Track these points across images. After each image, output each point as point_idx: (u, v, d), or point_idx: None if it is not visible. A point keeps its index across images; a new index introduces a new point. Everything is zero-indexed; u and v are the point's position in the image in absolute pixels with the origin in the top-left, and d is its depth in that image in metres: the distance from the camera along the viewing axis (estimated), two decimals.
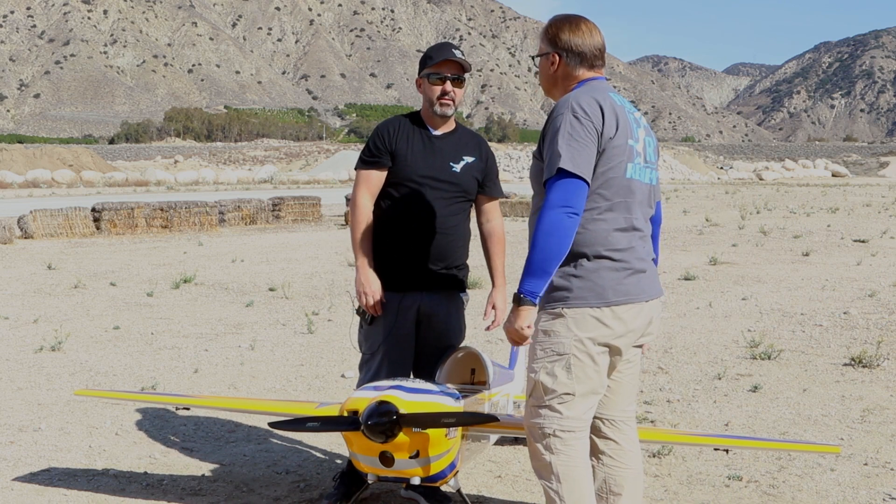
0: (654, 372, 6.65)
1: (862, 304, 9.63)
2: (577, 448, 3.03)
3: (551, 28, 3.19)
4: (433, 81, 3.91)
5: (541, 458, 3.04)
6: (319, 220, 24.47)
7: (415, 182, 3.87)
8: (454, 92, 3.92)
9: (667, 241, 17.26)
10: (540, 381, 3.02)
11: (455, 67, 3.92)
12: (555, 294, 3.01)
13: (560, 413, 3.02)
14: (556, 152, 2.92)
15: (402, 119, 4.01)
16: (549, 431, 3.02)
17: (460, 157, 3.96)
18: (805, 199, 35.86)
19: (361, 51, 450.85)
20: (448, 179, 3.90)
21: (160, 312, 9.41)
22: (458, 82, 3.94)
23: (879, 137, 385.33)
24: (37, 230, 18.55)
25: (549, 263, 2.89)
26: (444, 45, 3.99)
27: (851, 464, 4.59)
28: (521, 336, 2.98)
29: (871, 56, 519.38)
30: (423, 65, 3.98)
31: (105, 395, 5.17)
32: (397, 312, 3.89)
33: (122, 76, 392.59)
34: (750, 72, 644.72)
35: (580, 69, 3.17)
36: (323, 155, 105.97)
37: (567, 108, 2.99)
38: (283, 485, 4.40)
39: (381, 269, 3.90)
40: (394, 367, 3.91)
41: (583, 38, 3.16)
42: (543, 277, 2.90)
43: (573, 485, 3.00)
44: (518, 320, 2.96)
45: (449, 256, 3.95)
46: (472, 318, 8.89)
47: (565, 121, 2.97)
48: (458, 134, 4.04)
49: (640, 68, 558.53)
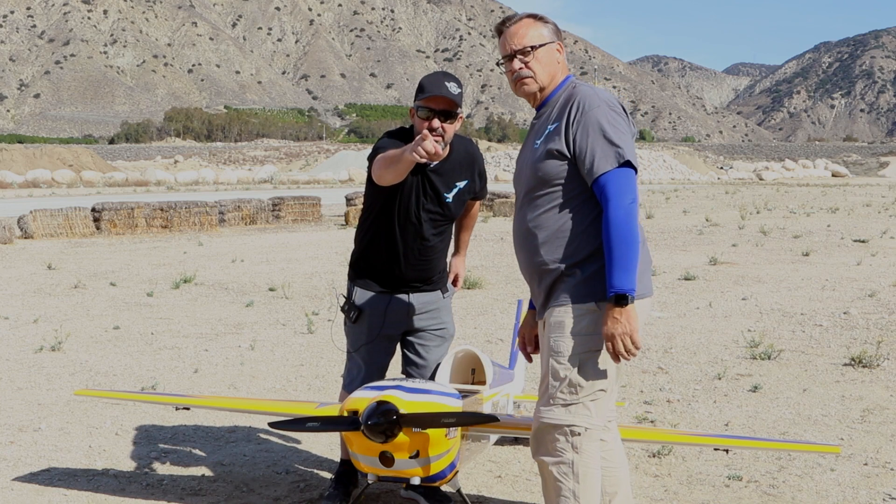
0: (654, 372, 6.65)
1: (862, 304, 9.63)
2: (596, 448, 3.01)
3: (547, 19, 3.20)
4: (421, 116, 3.69)
5: (561, 456, 2.96)
6: (319, 220, 24.47)
7: (405, 216, 3.84)
8: (443, 128, 3.68)
9: (667, 241, 17.26)
10: (573, 378, 2.95)
11: (446, 104, 3.67)
12: (586, 289, 2.97)
13: (590, 411, 2.97)
14: (615, 144, 2.92)
15: (401, 139, 3.81)
16: (578, 430, 2.95)
17: (453, 185, 3.88)
18: (805, 199, 35.86)
19: (361, 51, 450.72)
20: (438, 210, 3.87)
21: (160, 312, 9.41)
22: (448, 118, 3.70)
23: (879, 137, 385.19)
24: (37, 230, 18.55)
25: (636, 255, 2.88)
26: (438, 79, 3.72)
27: (851, 464, 4.59)
28: (636, 341, 2.87)
29: (871, 56, 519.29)
30: (416, 93, 3.76)
31: (105, 395, 5.17)
32: (385, 314, 3.92)
33: (122, 76, 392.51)
34: (750, 72, 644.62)
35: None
36: (323, 155, 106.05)
37: (602, 102, 2.99)
38: (283, 485, 4.41)
39: (368, 275, 3.96)
40: (371, 367, 3.97)
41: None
42: (634, 270, 2.87)
43: (590, 485, 2.97)
44: (632, 321, 2.86)
45: (434, 269, 4.02)
46: (473, 318, 8.93)
47: (605, 114, 2.97)
48: (452, 158, 3.87)
49: (640, 68, 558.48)
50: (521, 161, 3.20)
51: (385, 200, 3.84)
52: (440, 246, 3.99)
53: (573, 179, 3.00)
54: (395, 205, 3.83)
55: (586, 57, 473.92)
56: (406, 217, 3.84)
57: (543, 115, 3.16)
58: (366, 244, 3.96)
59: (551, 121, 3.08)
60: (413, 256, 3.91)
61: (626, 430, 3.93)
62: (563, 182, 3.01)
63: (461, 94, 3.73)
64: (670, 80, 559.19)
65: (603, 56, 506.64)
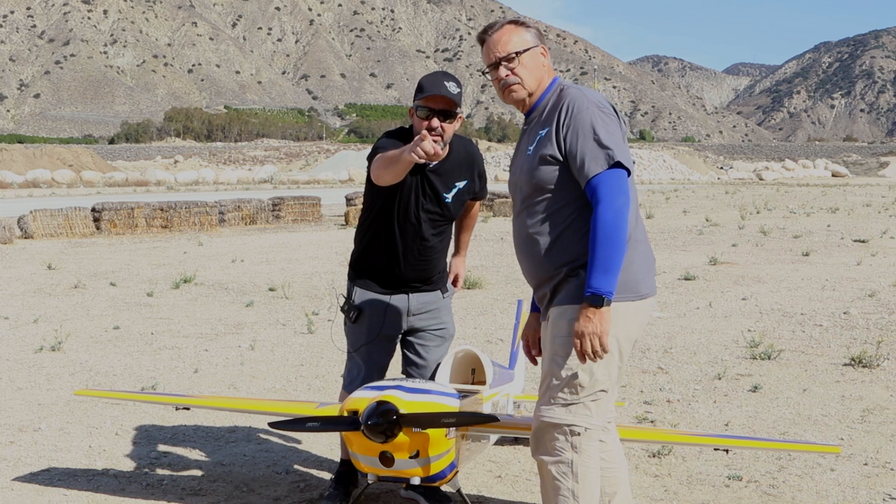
0: (654, 372, 6.65)
1: (862, 304, 9.63)
2: (595, 448, 3.01)
3: (529, 24, 3.19)
4: (420, 115, 3.70)
5: (560, 455, 2.97)
6: (319, 220, 24.47)
7: (405, 216, 3.85)
8: (442, 127, 3.68)
9: (667, 241, 17.26)
10: (576, 378, 2.94)
11: (445, 103, 3.67)
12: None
13: (590, 411, 2.97)
14: (605, 146, 2.91)
15: (401, 139, 3.81)
16: (578, 430, 2.95)
17: (452, 185, 3.88)
18: (805, 199, 35.86)
19: (361, 51, 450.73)
20: (438, 211, 3.87)
21: (160, 312, 9.41)
22: (448, 118, 3.71)
23: (879, 137, 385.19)
24: (37, 230, 18.55)
25: (620, 258, 2.85)
26: (438, 78, 3.73)
27: (851, 464, 4.59)
28: (605, 344, 2.88)
29: (871, 56, 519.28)
30: (416, 93, 3.76)
31: (105, 395, 5.17)
32: (385, 314, 3.92)
33: (122, 76, 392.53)
34: (750, 72, 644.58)
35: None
36: (323, 155, 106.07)
37: (590, 104, 2.98)
38: (283, 485, 4.41)
39: (368, 276, 3.96)
40: (371, 368, 3.96)
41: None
42: (616, 273, 2.85)
43: (589, 485, 2.97)
44: (604, 323, 2.85)
45: (434, 269, 4.02)
46: (473, 318, 8.93)
47: (595, 116, 2.95)
48: (451, 158, 3.87)
49: (640, 68, 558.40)
50: (515, 168, 3.18)
51: (384, 201, 3.84)
52: (440, 246, 3.99)
53: (570, 183, 2.99)
54: (394, 205, 3.83)
55: (586, 57, 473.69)
56: (405, 217, 3.84)
57: (534, 121, 3.13)
58: (365, 244, 3.97)
59: (542, 126, 3.06)
60: (412, 256, 3.91)
61: (626, 430, 3.93)
62: (559, 187, 2.99)
63: (461, 94, 3.73)
64: (670, 80, 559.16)
65: (603, 56, 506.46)
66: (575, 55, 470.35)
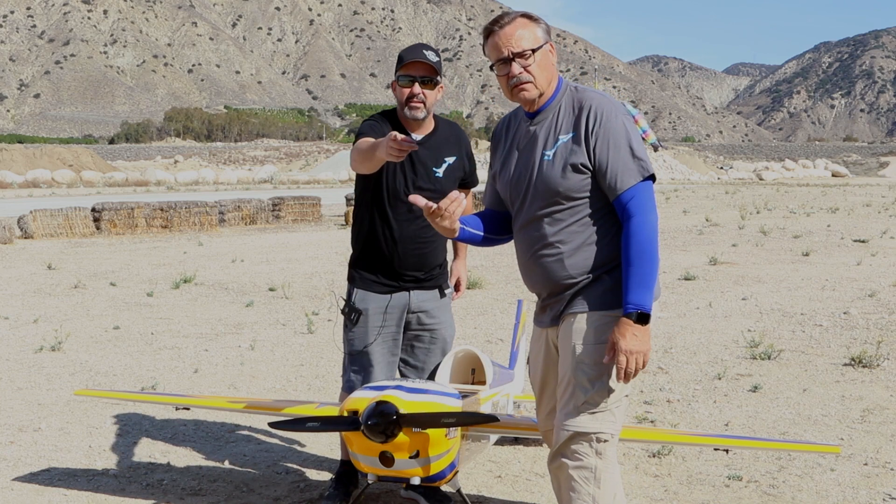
0: (654, 372, 6.65)
1: (862, 304, 9.63)
2: (615, 453, 3.00)
3: (540, 19, 3.02)
4: (402, 84, 3.80)
5: (583, 460, 2.92)
6: (319, 220, 24.47)
7: (394, 194, 3.85)
8: (423, 94, 3.78)
9: (667, 241, 17.27)
10: (604, 387, 2.90)
11: (425, 69, 3.78)
12: (614, 296, 2.91)
13: (615, 417, 2.94)
14: (639, 157, 2.86)
15: (384, 120, 3.88)
16: (605, 437, 2.92)
17: (442, 160, 3.91)
18: (805, 199, 35.86)
19: (361, 51, 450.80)
20: (431, 187, 3.85)
21: (160, 312, 9.41)
22: (428, 84, 3.80)
23: (879, 137, 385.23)
24: (37, 230, 18.55)
25: (656, 273, 2.83)
26: (416, 47, 3.86)
27: (851, 464, 4.59)
28: (647, 362, 2.85)
29: (871, 56, 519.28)
30: (396, 66, 3.85)
31: (105, 395, 5.16)
32: (384, 314, 3.91)
33: (122, 76, 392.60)
34: (750, 72, 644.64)
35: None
36: (323, 155, 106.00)
37: (618, 111, 2.91)
38: (283, 485, 4.41)
39: (367, 272, 3.95)
40: (371, 368, 3.95)
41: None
42: (653, 288, 2.83)
43: (609, 489, 2.95)
44: (649, 341, 2.83)
45: (432, 262, 4.00)
46: (473, 318, 8.93)
47: (627, 125, 2.90)
48: (438, 133, 3.94)
49: (640, 68, 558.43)
50: (521, 171, 3.01)
51: (373, 185, 3.87)
52: (436, 237, 3.96)
53: (596, 191, 2.92)
54: (382, 187, 3.86)
55: (586, 57, 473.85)
56: (395, 196, 3.85)
57: (544, 122, 2.99)
58: (363, 235, 3.95)
59: (562, 130, 2.93)
60: (409, 238, 3.89)
61: (626, 430, 3.93)
62: (588, 195, 2.92)
63: (440, 63, 3.83)
64: (670, 80, 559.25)
65: (603, 56, 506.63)
66: (575, 55, 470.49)
